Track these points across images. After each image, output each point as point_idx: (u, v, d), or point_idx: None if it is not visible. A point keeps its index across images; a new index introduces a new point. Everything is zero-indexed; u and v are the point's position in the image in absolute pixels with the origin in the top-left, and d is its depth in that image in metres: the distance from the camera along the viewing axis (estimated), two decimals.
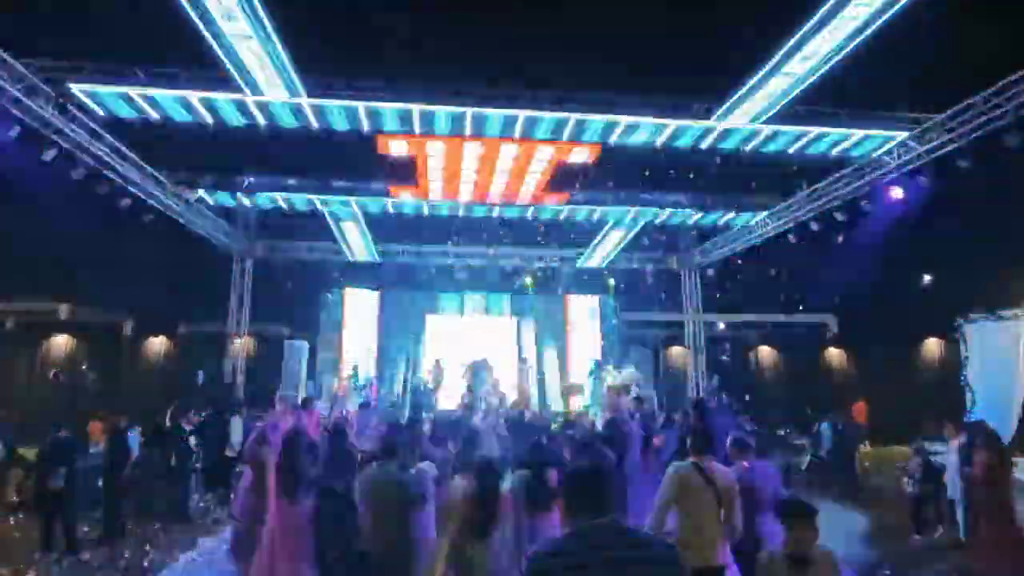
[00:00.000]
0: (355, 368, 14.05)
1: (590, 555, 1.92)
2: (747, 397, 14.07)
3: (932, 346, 16.03)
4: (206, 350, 15.74)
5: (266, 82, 7.91)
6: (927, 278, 14.37)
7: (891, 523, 8.02)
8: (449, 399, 13.28)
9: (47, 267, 13.12)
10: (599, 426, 7.82)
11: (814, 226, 12.23)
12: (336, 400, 12.71)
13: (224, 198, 12.48)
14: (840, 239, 12.50)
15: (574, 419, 9.29)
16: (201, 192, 12.04)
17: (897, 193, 10.25)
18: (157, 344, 17.00)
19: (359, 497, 3.80)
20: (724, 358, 16.99)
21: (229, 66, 7.53)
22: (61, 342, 15.96)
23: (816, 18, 6.70)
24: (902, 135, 9.46)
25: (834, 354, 18.05)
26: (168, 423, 9.48)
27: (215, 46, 7.14)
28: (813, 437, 11.46)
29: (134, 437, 8.48)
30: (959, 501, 6.73)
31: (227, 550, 5.46)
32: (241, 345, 15.24)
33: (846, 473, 10.43)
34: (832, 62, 7.45)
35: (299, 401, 9.41)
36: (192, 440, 9.08)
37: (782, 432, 12.94)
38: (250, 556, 3.93)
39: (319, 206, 12.52)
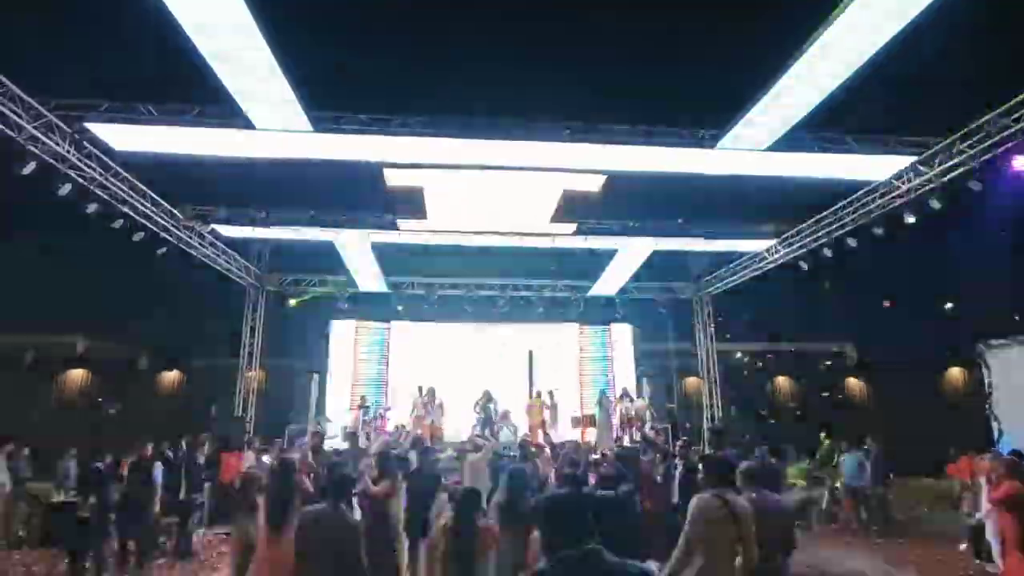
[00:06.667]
0: (363, 399, 13.91)
1: None
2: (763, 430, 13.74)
3: (955, 374, 15.63)
4: (218, 384, 15.82)
5: (275, 117, 8.06)
6: (948, 305, 14.10)
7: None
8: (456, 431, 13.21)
9: (65, 302, 13.34)
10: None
11: (827, 253, 12.07)
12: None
13: (236, 231, 12.65)
14: (854, 266, 12.31)
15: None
16: (214, 226, 12.23)
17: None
18: (170, 378, 17.16)
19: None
20: (735, 387, 16.69)
21: (240, 103, 7.69)
22: (77, 375, 16.16)
23: (815, 47, 6.69)
24: (910, 159, 9.35)
25: (854, 384, 17.64)
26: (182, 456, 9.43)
27: (226, 83, 7.31)
28: (834, 469, 11.16)
29: (158, 470, 8.32)
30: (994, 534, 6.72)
31: None
32: (253, 379, 15.27)
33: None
34: (833, 89, 7.42)
35: (306, 435, 9.37)
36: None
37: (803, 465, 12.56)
38: None
39: (329, 237, 12.61)
